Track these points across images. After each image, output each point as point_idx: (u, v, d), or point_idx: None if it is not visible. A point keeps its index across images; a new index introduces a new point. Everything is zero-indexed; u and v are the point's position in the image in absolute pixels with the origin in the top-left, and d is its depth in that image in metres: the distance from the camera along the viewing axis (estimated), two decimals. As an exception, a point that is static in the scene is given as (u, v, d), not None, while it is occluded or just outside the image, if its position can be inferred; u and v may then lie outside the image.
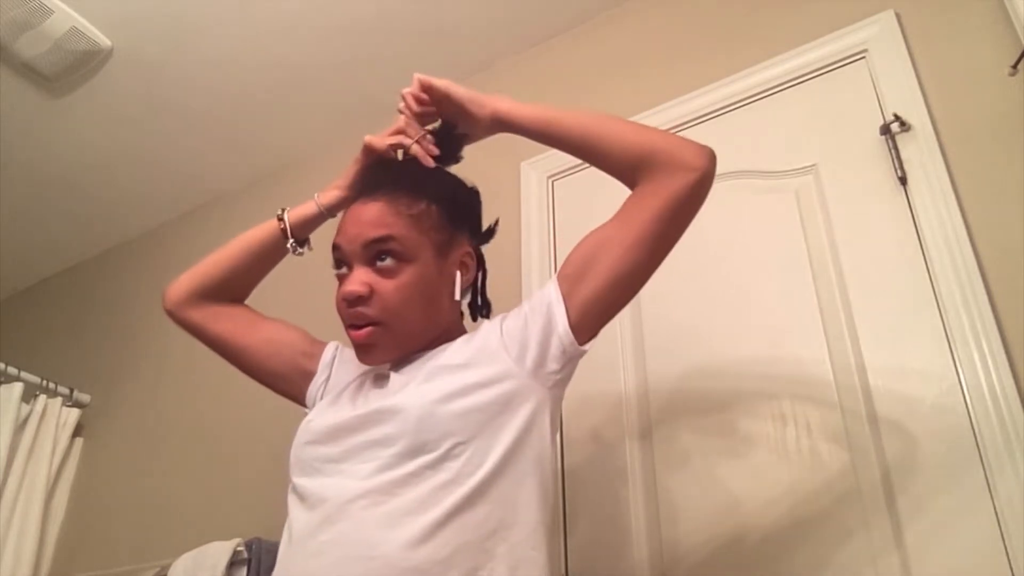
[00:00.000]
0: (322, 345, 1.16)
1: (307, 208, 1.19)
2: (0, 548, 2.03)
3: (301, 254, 1.20)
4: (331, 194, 1.18)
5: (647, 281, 0.98)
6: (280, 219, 1.19)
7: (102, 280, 2.75)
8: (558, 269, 1.00)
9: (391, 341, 1.01)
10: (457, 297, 1.07)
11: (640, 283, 0.98)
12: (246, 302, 1.22)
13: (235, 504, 1.89)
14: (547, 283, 1.00)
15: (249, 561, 1.52)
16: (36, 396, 2.28)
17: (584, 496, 1.40)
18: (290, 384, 1.15)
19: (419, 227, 1.03)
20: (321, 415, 1.03)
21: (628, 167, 0.98)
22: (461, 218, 1.10)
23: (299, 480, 0.97)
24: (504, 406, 0.93)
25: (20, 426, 2.20)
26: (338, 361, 1.14)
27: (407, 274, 1.01)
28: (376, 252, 1.00)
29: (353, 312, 1.00)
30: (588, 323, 0.97)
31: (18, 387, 2.22)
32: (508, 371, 0.95)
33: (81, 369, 2.51)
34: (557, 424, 1.06)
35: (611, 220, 0.98)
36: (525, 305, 1.01)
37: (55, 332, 2.75)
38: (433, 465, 0.89)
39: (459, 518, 0.86)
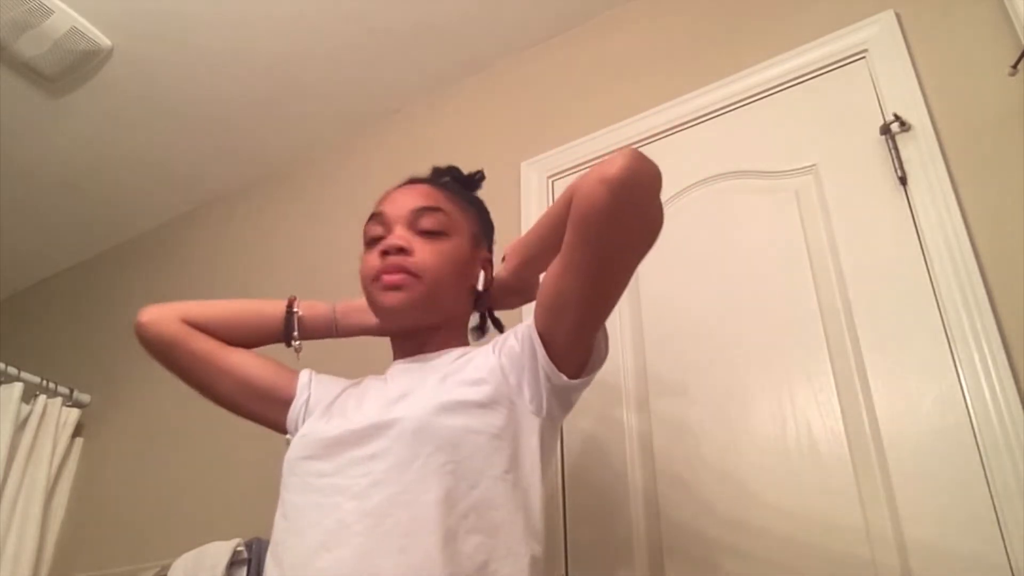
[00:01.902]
0: (295, 371, 1.15)
1: (320, 311, 1.19)
2: (0, 548, 2.03)
3: (298, 349, 1.18)
4: (356, 316, 1.18)
5: (602, 303, 0.94)
6: (290, 309, 1.17)
7: (102, 280, 2.75)
8: (536, 305, 1.00)
9: (419, 294, 1.03)
10: (480, 287, 1.11)
11: (588, 305, 0.92)
12: None
13: (235, 504, 1.89)
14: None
15: (249, 561, 1.52)
16: (36, 396, 2.28)
17: (584, 496, 1.40)
18: (270, 407, 1.12)
19: (462, 213, 1.11)
20: (315, 428, 1.01)
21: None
22: (488, 229, 1.18)
23: (290, 497, 0.95)
24: (499, 433, 0.93)
25: (20, 426, 2.20)
26: (315, 382, 1.13)
27: (446, 244, 1.06)
28: (423, 220, 1.06)
29: (393, 259, 1.02)
30: (563, 354, 0.95)
31: (18, 387, 2.22)
32: (507, 398, 0.95)
33: (81, 369, 2.51)
34: (551, 458, 1.06)
35: None
36: (519, 330, 1.01)
37: (55, 332, 2.75)
38: (424, 479, 0.87)
39: (453, 545, 0.85)
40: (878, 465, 1.17)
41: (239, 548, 1.53)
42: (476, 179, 1.23)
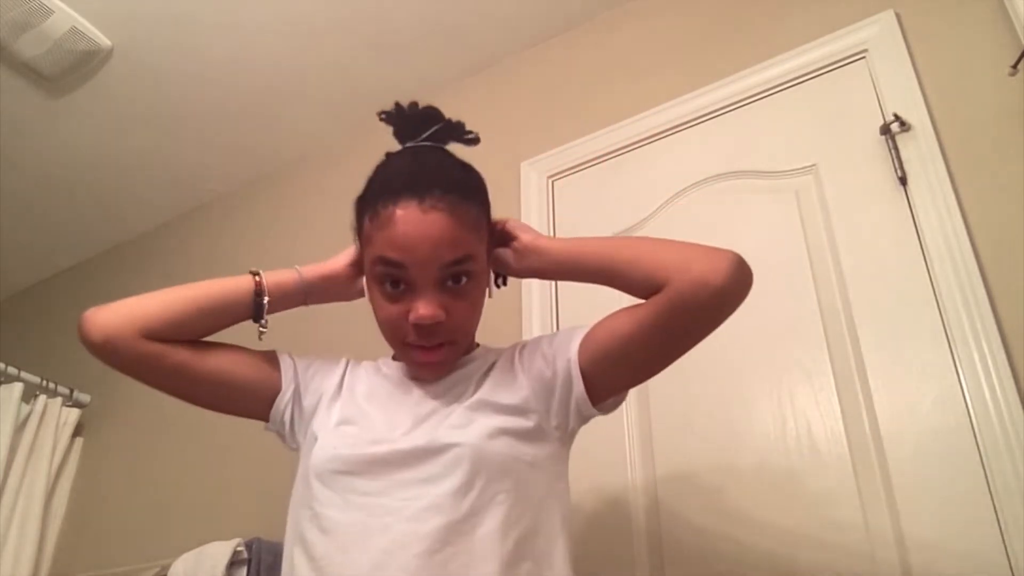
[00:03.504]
0: (273, 354, 1.06)
1: (287, 278, 1.06)
2: (0, 548, 2.03)
3: (263, 332, 1.06)
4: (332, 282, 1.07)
5: (662, 367, 0.96)
6: (257, 288, 1.04)
7: (102, 280, 2.75)
8: (583, 340, 0.97)
9: (457, 355, 1.01)
10: (490, 297, 1.04)
11: (650, 367, 0.96)
12: None
13: (235, 504, 1.89)
14: (572, 338, 0.97)
15: (249, 561, 1.52)
16: (36, 396, 2.28)
17: (584, 496, 1.40)
18: (254, 404, 1.04)
19: (478, 235, 0.98)
20: (343, 436, 0.97)
21: (650, 290, 0.91)
22: (489, 211, 1.04)
23: (327, 512, 0.91)
24: (534, 461, 0.93)
25: (20, 426, 2.20)
26: (300, 370, 1.06)
27: (476, 291, 0.98)
28: (451, 274, 0.94)
29: (429, 333, 0.95)
30: (599, 391, 0.96)
31: (18, 387, 2.22)
32: (540, 427, 0.95)
33: (81, 369, 2.49)
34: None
35: (631, 308, 0.94)
36: (548, 352, 0.98)
37: (55, 332, 2.75)
38: (482, 508, 0.87)
39: (511, 572, 0.85)
40: (878, 465, 1.17)
41: (239, 548, 1.53)
42: (468, 138, 1.09)
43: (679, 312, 0.89)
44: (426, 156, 1.03)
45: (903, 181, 1.31)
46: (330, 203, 2.22)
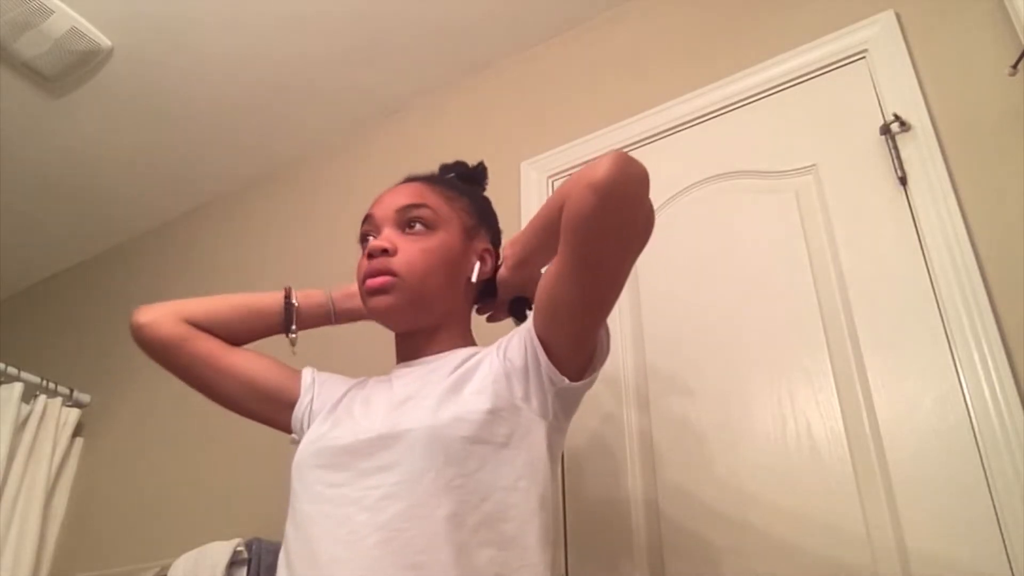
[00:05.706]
0: (297, 370, 1.14)
1: (317, 298, 1.20)
2: (0, 548, 2.03)
3: (294, 341, 1.17)
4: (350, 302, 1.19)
5: (599, 306, 0.93)
6: (288, 300, 1.17)
7: (102, 280, 2.75)
8: (533, 309, 1.00)
9: (406, 296, 1.02)
10: (474, 279, 1.08)
11: (584, 309, 0.92)
12: None
13: (235, 504, 1.89)
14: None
15: (249, 561, 1.52)
16: (36, 396, 2.28)
17: (584, 496, 1.40)
18: (274, 409, 1.11)
19: (451, 205, 1.10)
20: (323, 434, 1.00)
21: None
22: (486, 217, 1.15)
23: (300, 505, 0.94)
24: (506, 442, 0.92)
25: (20, 426, 2.20)
26: (318, 382, 1.12)
27: (434, 240, 1.05)
28: (408, 218, 1.06)
29: (375, 262, 1.02)
30: (565, 356, 0.95)
31: (18, 387, 2.22)
32: (512, 406, 0.94)
33: (81, 369, 2.51)
34: (558, 464, 1.06)
35: None
36: (521, 333, 1.00)
37: (55, 332, 2.75)
38: (436, 494, 0.87)
39: (466, 560, 0.84)
40: (878, 465, 1.17)
41: (239, 548, 1.53)
42: (478, 171, 1.21)
43: (581, 222, 0.86)
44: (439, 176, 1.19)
45: (903, 181, 1.32)
46: (331, 203, 2.22)
